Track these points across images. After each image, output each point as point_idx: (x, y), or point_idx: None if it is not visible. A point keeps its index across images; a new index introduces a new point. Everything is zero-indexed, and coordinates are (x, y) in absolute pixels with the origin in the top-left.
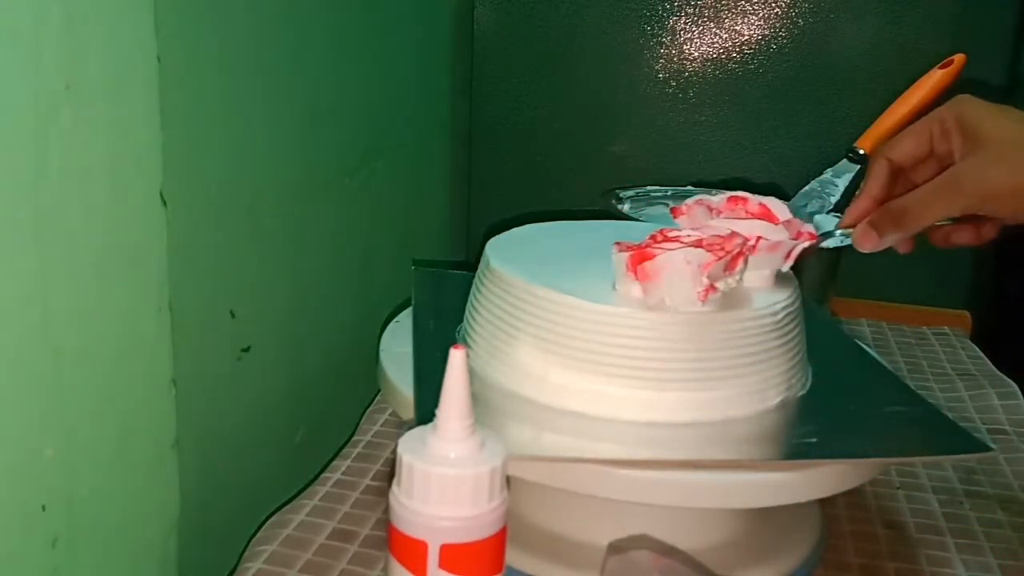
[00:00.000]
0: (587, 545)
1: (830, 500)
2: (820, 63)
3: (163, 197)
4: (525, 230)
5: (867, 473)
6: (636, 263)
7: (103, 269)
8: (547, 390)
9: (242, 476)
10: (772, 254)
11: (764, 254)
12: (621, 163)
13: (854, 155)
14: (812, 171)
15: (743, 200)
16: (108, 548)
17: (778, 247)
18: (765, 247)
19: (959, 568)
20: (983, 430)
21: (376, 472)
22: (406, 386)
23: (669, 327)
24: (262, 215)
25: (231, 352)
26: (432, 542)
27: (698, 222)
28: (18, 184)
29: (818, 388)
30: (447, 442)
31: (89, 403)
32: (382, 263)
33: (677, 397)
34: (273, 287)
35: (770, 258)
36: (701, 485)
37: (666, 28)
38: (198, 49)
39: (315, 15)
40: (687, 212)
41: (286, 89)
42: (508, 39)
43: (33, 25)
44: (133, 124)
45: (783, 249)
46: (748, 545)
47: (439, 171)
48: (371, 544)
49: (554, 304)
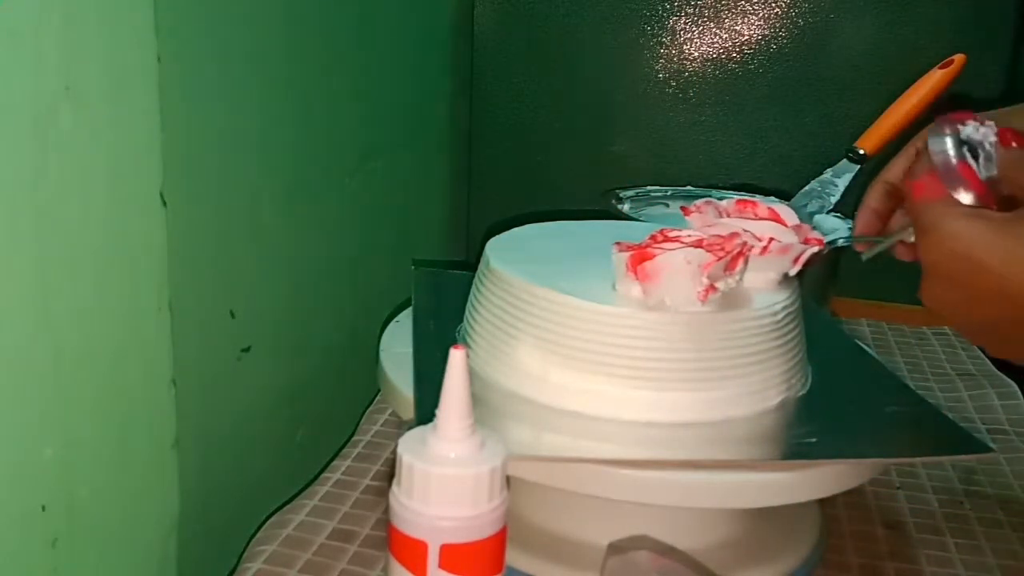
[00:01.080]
0: (587, 545)
1: (830, 500)
2: (820, 63)
3: (163, 197)
4: (525, 230)
5: (867, 473)
6: (636, 263)
7: (103, 269)
8: (547, 390)
9: (242, 476)
10: (782, 256)
11: (774, 256)
12: (621, 163)
13: (854, 155)
14: (812, 171)
15: (752, 204)
16: (108, 548)
17: (788, 250)
18: (777, 249)
19: (959, 568)
20: (983, 430)
21: (376, 472)
22: (406, 386)
23: (669, 327)
24: (262, 215)
25: (231, 352)
26: (432, 542)
27: (709, 221)
28: (18, 184)
29: (818, 388)
30: (447, 442)
31: (89, 403)
32: (382, 263)
33: (677, 397)
34: (273, 287)
35: (780, 260)
36: (701, 485)
37: (666, 28)
38: (198, 49)
39: (315, 15)
40: (698, 211)
41: (286, 89)
42: (508, 39)
43: (33, 25)
44: (133, 124)
45: (793, 252)
46: (748, 545)
47: (439, 171)
48: (371, 544)
49: (554, 304)
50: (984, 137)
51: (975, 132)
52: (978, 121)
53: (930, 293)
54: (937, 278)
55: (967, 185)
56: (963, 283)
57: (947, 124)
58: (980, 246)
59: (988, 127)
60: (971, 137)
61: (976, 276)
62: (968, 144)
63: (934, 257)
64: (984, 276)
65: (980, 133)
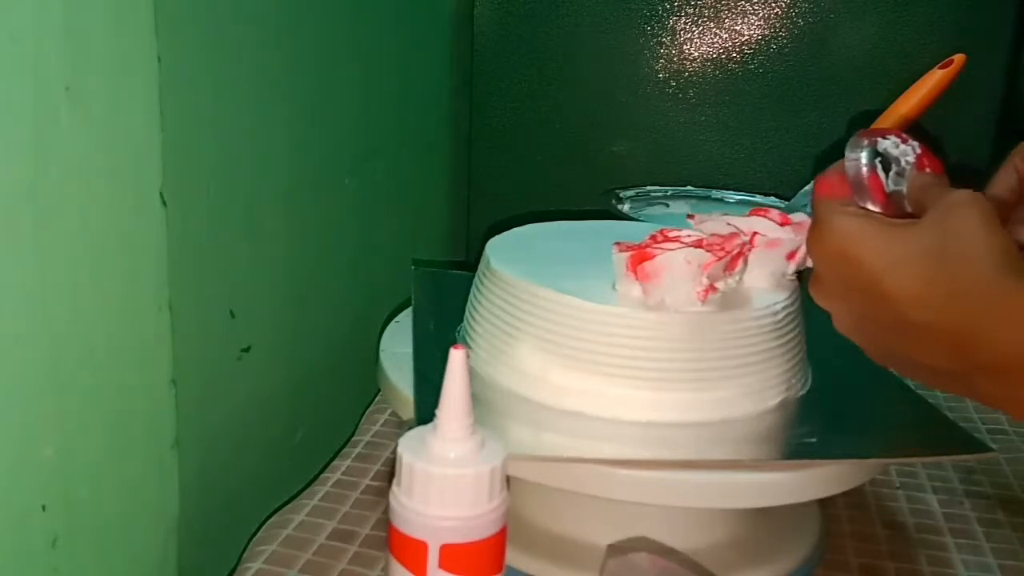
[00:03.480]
0: (587, 545)
1: (830, 500)
2: (820, 63)
3: (163, 197)
4: (525, 230)
5: (867, 473)
6: (636, 263)
7: (103, 269)
8: (547, 390)
9: (242, 476)
10: (772, 251)
11: (763, 251)
12: (621, 163)
13: None
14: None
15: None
16: (108, 548)
17: (778, 244)
18: (763, 244)
19: (959, 568)
20: (983, 430)
21: (376, 472)
22: (406, 386)
23: (669, 327)
24: (262, 215)
25: (231, 352)
26: (432, 542)
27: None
28: (18, 184)
29: (818, 388)
30: (447, 442)
31: (89, 403)
32: (382, 263)
33: (677, 397)
34: (273, 287)
35: (771, 256)
36: (701, 485)
37: (666, 28)
38: (198, 50)
39: (314, 15)
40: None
41: (286, 89)
42: (508, 39)
43: (33, 26)
44: (133, 124)
45: (784, 247)
46: (748, 545)
47: (439, 171)
48: (371, 544)
49: (554, 304)
50: (903, 154)
51: (893, 147)
52: (901, 139)
53: (814, 288)
54: (820, 273)
55: (871, 193)
56: (841, 278)
57: (867, 136)
58: (858, 242)
59: (910, 146)
60: (888, 151)
61: (852, 271)
62: (883, 157)
63: (817, 250)
64: (859, 272)
65: (899, 150)
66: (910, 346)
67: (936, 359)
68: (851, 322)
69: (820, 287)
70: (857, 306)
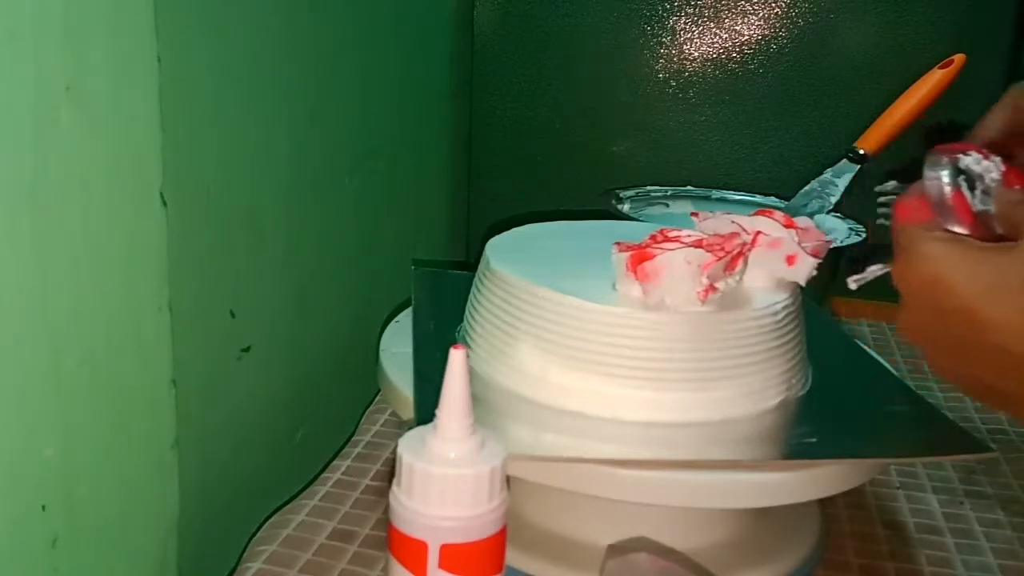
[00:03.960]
0: (587, 545)
1: (830, 500)
2: (820, 63)
3: (163, 198)
4: (525, 230)
5: (867, 473)
6: (636, 263)
7: (103, 269)
8: (547, 390)
9: (242, 476)
10: (773, 251)
11: (764, 251)
12: (621, 163)
13: (854, 155)
14: (812, 171)
15: (770, 213)
16: (108, 548)
17: (779, 244)
18: (765, 243)
19: (959, 568)
20: (983, 430)
21: (376, 472)
22: (406, 386)
23: (669, 327)
24: (262, 215)
25: (231, 352)
26: (432, 542)
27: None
28: (17, 185)
29: (818, 388)
30: (447, 442)
31: (89, 403)
32: (382, 263)
33: (677, 397)
34: (273, 287)
35: (771, 256)
36: (701, 485)
37: (666, 28)
38: (198, 50)
39: (314, 15)
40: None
41: (285, 89)
42: (508, 39)
43: (33, 26)
44: (133, 124)
45: (785, 249)
46: (748, 545)
47: (439, 171)
48: (371, 544)
49: (554, 304)
50: (986, 171)
51: (975, 164)
52: (982, 155)
53: (903, 319)
54: (908, 303)
55: (957, 214)
56: (931, 308)
57: (946, 153)
58: (949, 269)
59: (993, 162)
60: (970, 168)
61: (943, 300)
62: (966, 175)
63: (906, 280)
64: (950, 300)
65: (981, 166)
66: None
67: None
68: (941, 354)
69: (911, 320)
70: (948, 337)
